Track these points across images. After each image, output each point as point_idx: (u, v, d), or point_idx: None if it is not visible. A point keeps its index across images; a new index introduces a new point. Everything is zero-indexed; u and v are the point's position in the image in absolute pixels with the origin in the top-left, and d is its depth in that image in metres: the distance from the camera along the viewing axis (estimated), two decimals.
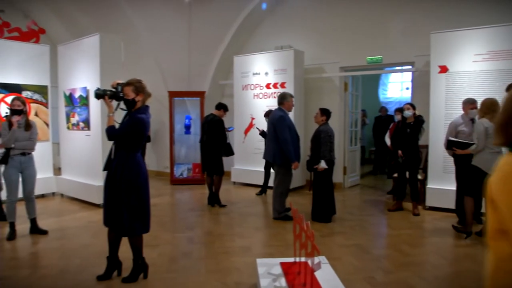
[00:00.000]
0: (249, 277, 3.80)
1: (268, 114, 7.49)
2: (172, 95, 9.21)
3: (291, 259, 3.50)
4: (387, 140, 7.56)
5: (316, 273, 2.94)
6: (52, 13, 10.50)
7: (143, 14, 9.09)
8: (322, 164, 5.72)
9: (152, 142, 10.02)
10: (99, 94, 3.64)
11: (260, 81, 8.58)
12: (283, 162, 5.82)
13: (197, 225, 5.90)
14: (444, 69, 6.32)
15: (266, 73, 8.46)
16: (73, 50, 7.36)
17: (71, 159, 7.54)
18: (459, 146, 5.19)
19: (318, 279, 3.00)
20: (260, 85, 8.58)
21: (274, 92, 8.21)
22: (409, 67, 7.98)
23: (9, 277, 3.88)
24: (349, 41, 8.19)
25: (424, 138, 6.57)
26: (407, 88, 12.16)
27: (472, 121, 5.22)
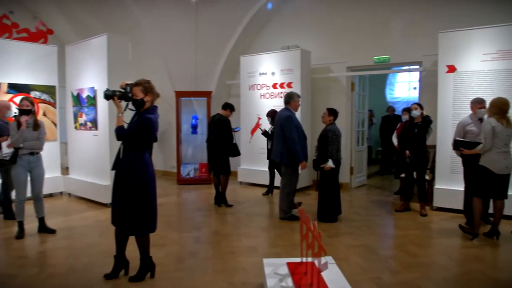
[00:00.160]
0: (256, 277, 3.80)
1: (271, 114, 7.51)
2: (179, 95, 9.24)
3: (298, 259, 3.49)
4: (394, 140, 7.53)
5: (323, 274, 2.94)
6: (60, 14, 10.59)
7: (150, 14, 9.12)
8: (330, 163, 5.71)
9: (159, 142, 10.06)
10: (108, 95, 3.66)
11: (267, 81, 8.58)
12: (291, 162, 5.81)
13: (204, 225, 5.90)
14: (452, 69, 6.27)
15: (273, 73, 8.46)
16: (81, 51, 7.41)
17: (79, 159, 7.59)
18: (466, 146, 5.15)
19: (325, 280, 2.99)
20: (267, 85, 8.58)
21: (281, 92, 8.20)
22: (417, 67, 7.94)
23: (18, 276, 3.91)
24: (356, 41, 8.16)
25: (432, 138, 6.53)
26: (415, 88, 12.11)
27: (481, 121, 5.18)
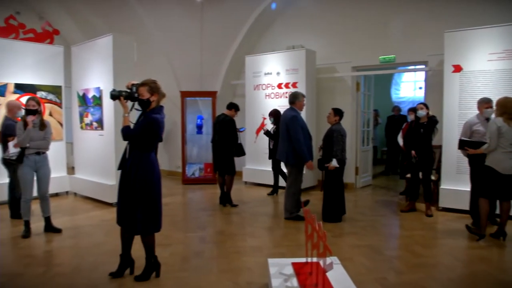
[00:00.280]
0: (261, 277, 3.80)
1: (273, 114, 7.52)
2: (184, 95, 9.26)
3: (303, 259, 3.49)
4: (400, 140, 7.51)
5: (328, 274, 2.93)
6: (66, 14, 10.64)
7: (155, 14, 9.14)
8: (334, 163, 5.71)
9: (164, 142, 10.08)
10: (115, 95, 3.67)
11: (272, 81, 8.57)
12: (296, 162, 5.80)
13: (209, 225, 5.91)
14: (458, 68, 6.24)
15: (278, 73, 8.45)
16: (87, 51, 7.44)
17: (85, 159, 7.62)
18: (471, 146, 5.12)
19: (330, 280, 2.98)
20: (272, 85, 8.58)
21: (286, 92, 8.19)
22: (423, 67, 7.90)
23: (24, 274, 3.94)
24: (361, 41, 8.14)
25: (438, 138, 6.50)
26: (420, 88, 12.04)
27: (488, 121, 5.15)
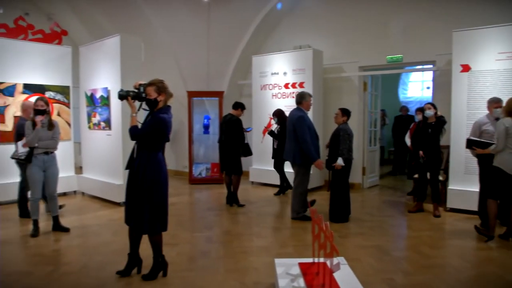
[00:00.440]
0: (267, 277, 3.80)
1: (277, 113, 7.53)
2: (191, 95, 9.28)
3: (310, 260, 3.48)
4: (407, 141, 7.47)
5: (335, 274, 2.92)
6: (74, 15, 10.73)
7: (162, 15, 9.17)
8: (339, 162, 5.69)
9: (171, 142, 10.11)
10: (122, 95, 3.69)
11: (279, 81, 8.57)
12: (303, 162, 5.79)
13: (216, 225, 5.92)
14: (467, 68, 6.19)
15: (285, 73, 8.45)
16: (94, 51, 7.49)
17: (92, 158, 7.67)
18: (479, 145, 5.08)
19: (337, 280, 2.97)
20: (279, 85, 8.57)
21: (293, 92, 8.18)
22: (430, 66, 7.85)
23: (33, 273, 3.97)
24: (369, 40, 8.11)
25: (446, 139, 6.46)
26: (428, 88, 11.97)
27: (497, 120, 5.10)
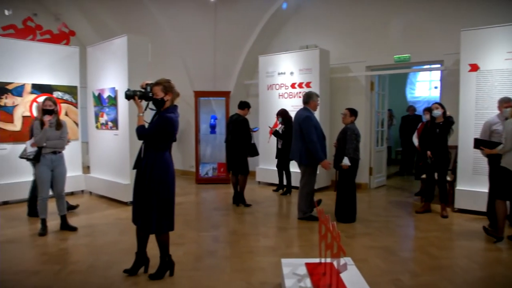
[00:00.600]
0: (274, 277, 3.80)
1: (281, 113, 7.54)
2: (198, 95, 9.30)
3: (316, 260, 3.48)
4: (415, 141, 7.43)
5: (342, 275, 2.91)
6: (81, 15, 10.79)
7: (169, 15, 9.20)
8: (345, 161, 5.68)
9: (178, 142, 10.14)
10: (129, 95, 3.70)
11: (285, 81, 8.56)
12: (310, 162, 5.78)
13: (222, 224, 5.93)
14: (475, 68, 6.14)
15: (292, 73, 8.43)
16: (102, 51, 7.53)
17: (100, 158, 7.71)
18: (487, 145, 5.04)
19: (344, 281, 2.96)
20: (285, 85, 8.56)
21: (300, 92, 8.17)
22: (438, 66, 7.80)
23: (41, 272, 4.00)
24: (376, 40, 8.08)
25: (453, 139, 6.41)
26: (436, 87, 11.90)
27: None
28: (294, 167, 6.85)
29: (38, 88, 7.30)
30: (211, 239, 5.16)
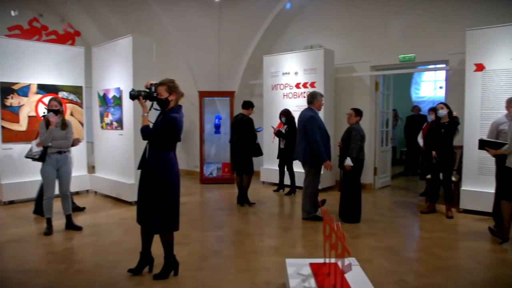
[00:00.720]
0: (278, 277, 3.80)
1: (284, 113, 7.53)
2: (202, 95, 9.31)
3: (321, 260, 3.47)
4: (420, 141, 7.41)
5: (346, 275, 2.91)
6: (87, 16, 10.85)
7: (173, 15, 9.22)
8: (348, 162, 5.66)
9: (182, 141, 10.15)
10: (134, 95, 3.71)
11: (290, 81, 8.56)
12: (314, 162, 5.77)
13: (226, 224, 5.93)
14: (480, 67, 6.11)
15: (296, 73, 8.43)
16: (107, 52, 7.56)
17: (105, 158, 7.74)
18: (491, 146, 5.01)
19: (348, 281, 2.96)
20: (290, 85, 8.56)
21: (304, 92, 8.16)
22: (443, 66, 7.77)
23: (46, 271, 4.02)
24: (380, 40, 8.05)
25: (459, 139, 6.38)
26: (441, 87, 11.85)
27: None
28: (298, 167, 6.85)
29: (44, 88, 7.34)
30: (216, 239, 5.16)
